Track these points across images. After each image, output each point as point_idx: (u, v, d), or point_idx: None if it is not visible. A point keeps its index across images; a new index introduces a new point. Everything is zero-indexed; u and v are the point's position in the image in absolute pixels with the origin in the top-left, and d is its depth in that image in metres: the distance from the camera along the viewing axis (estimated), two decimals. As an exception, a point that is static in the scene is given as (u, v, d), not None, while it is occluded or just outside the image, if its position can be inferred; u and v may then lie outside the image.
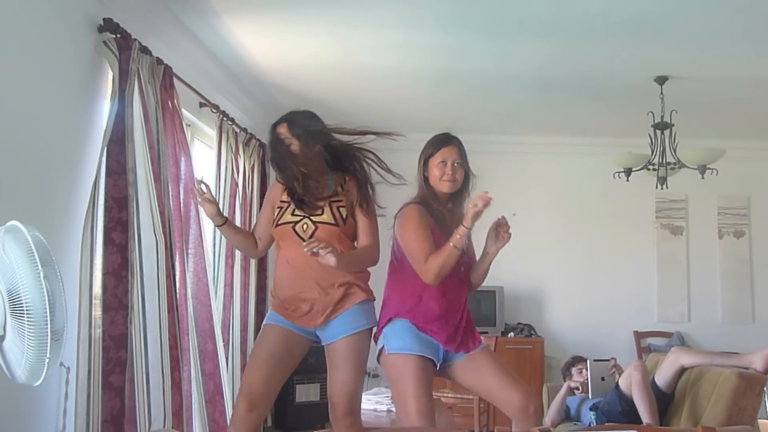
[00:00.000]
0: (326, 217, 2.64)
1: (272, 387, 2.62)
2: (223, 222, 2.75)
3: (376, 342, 2.72)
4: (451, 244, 2.50)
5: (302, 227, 2.62)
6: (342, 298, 2.63)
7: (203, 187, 2.71)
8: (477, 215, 2.47)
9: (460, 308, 2.68)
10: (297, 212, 2.65)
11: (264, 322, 2.72)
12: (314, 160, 2.68)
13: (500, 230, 2.58)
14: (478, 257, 2.74)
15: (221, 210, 2.79)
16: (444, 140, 2.71)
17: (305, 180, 2.67)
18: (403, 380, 2.55)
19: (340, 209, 2.67)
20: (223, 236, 2.80)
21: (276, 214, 2.70)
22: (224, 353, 4.16)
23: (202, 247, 3.64)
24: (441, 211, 2.66)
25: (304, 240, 2.55)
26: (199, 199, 2.71)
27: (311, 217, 2.63)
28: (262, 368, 2.59)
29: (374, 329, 2.71)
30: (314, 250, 2.40)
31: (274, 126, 2.72)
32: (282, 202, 2.71)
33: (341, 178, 2.75)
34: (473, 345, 2.67)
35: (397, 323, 2.63)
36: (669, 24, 3.64)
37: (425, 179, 2.72)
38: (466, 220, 2.50)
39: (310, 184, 2.68)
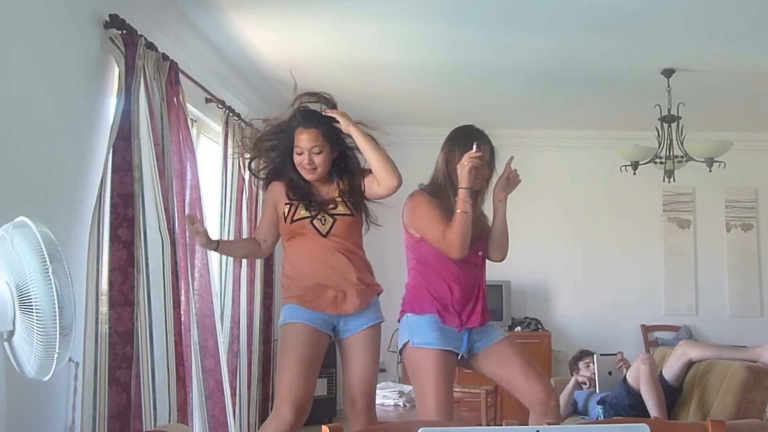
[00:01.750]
0: (342, 209, 2.68)
1: (312, 390, 2.66)
2: (217, 245, 2.76)
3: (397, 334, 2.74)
4: (458, 211, 2.53)
5: (320, 221, 2.65)
6: (363, 290, 2.69)
7: (194, 222, 2.72)
8: (469, 173, 2.52)
9: (476, 291, 2.70)
10: (305, 208, 2.70)
11: (285, 320, 2.69)
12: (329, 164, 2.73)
13: (510, 177, 2.67)
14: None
15: (213, 232, 2.86)
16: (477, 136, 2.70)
17: (314, 184, 2.74)
18: (424, 374, 2.58)
19: (349, 202, 2.72)
20: (223, 256, 2.84)
21: (288, 211, 2.72)
22: (228, 349, 4.18)
23: (205, 243, 3.65)
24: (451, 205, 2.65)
25: (322, 234, 2.63)
26: (194, 233, 2.73)
27: (327, 212, 2.67)
28: (303, 374, 2.58)
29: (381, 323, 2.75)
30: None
31: (301, 128, 2.69)
32: (290, 199, 2.74)
33: (340, 174, 2.78)
34: (487, 319, 2.71)
35: (421, 317, 2.63)
36: (675, 16, 3.62)
37: (448, 171, 2.66)
38: (460, 180, 2.54)
39: (318, 187, 2.74)
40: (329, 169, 2.76)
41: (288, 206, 2.73)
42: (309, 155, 2.66)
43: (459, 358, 2.65)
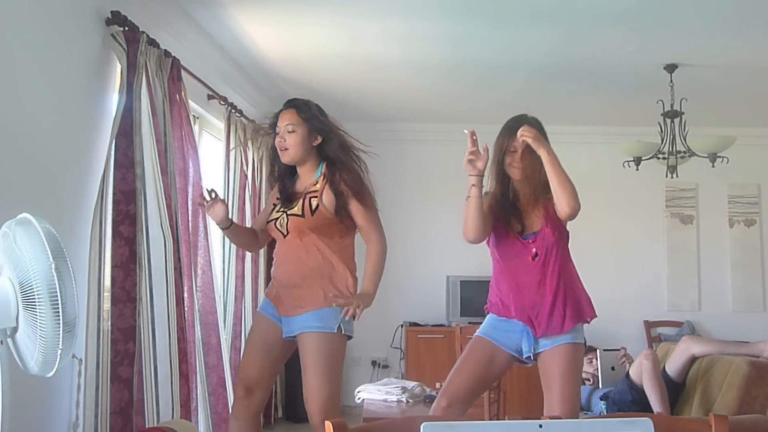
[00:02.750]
0: (296, 209, 2.64)
1: (266, 373, 2.70)
2: (230, 225, 2.72)
3: None
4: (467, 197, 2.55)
5: (281, 222, 2.67)
6: (304, 297, 2.60)
7: (209, 192, 2.68)
8: (469, 162, 2.50)
9: (537, 292, 2.58)
10: (279, 209, 2.70)
11: (257, 309, 2.83)
12: (310, 149, 2.66)
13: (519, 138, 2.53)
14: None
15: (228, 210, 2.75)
16: (511, 126, 2.66)
17: (301, 176, 2.70)
18: (463, 353, 2.69)
19: (311, 200, 2.63)
20: (226, 238, 2.81)
21: (271, 212, 2.76)
22: (230, 345, 4.19)
23: (208, 240, 3.65)
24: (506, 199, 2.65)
25: (283, 234, 2.65)
26: (208, 201, 2.65)
27: (288, 211, 2.66)
28: (254, 356, 2.69)
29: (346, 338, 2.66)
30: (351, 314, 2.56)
31: (281, 111, 2.70)
32: (276, 200, 2.76)
33: (325, 167, 2.71)
34: (555, 330, 2.57)
35: (488, 316, 2.71)
36: (678, 11, 3.60)
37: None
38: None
39: (303, 180, 2.70)
40: (314, 162, 2.69)
41: (273, 207, 2.75)
42: (283, 134, 2.63)
43: (512, 358, 2.63)
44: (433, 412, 2.65)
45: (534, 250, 2.61)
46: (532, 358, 2.60)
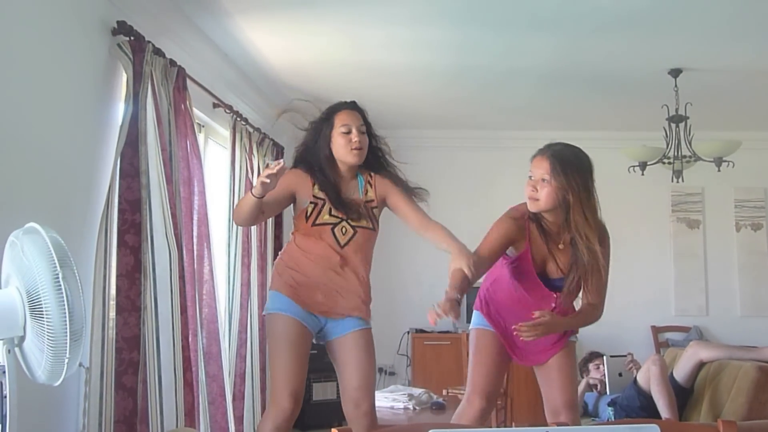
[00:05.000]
0: (365, 222, 2.62)
1: (305, 380, 2.65)
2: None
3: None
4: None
5: (341, 230, 2.59)
6: (356, 303, 2.65)
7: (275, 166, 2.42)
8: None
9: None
10: (334, 213, 2.59)
11: (276, 310, 2.60)
12: None
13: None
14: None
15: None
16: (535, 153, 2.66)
17: (342, 181, 2.65)
18: (473, 350, 2.79)
19: (374, 210, 2.67)
20: (249, 202, 2.47)
21: (311, 211, 2.59)
22: (236, 354, 4.18)
23: (210, 249, 3.66)
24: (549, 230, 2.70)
25: (340, 244, 2.59)
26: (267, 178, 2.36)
27: (349, 221, 2.60)
28: (299, 363, 2.58)
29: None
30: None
31: (350, 109, 2.68)
32: (316, 198, 2.60)
33: (366, 175, 2.72)
34: (538, 360, 2.80)
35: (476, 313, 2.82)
36: (682, 16, 3.60)
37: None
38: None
39: (345, 186, 2.66)
40: (355, 171, 2.70)
41: (313, 205, 2.60)
42: (357, 133, 2.60)
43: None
44: (470, 416, 2.67)
45: (556, 295, 2.78)
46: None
